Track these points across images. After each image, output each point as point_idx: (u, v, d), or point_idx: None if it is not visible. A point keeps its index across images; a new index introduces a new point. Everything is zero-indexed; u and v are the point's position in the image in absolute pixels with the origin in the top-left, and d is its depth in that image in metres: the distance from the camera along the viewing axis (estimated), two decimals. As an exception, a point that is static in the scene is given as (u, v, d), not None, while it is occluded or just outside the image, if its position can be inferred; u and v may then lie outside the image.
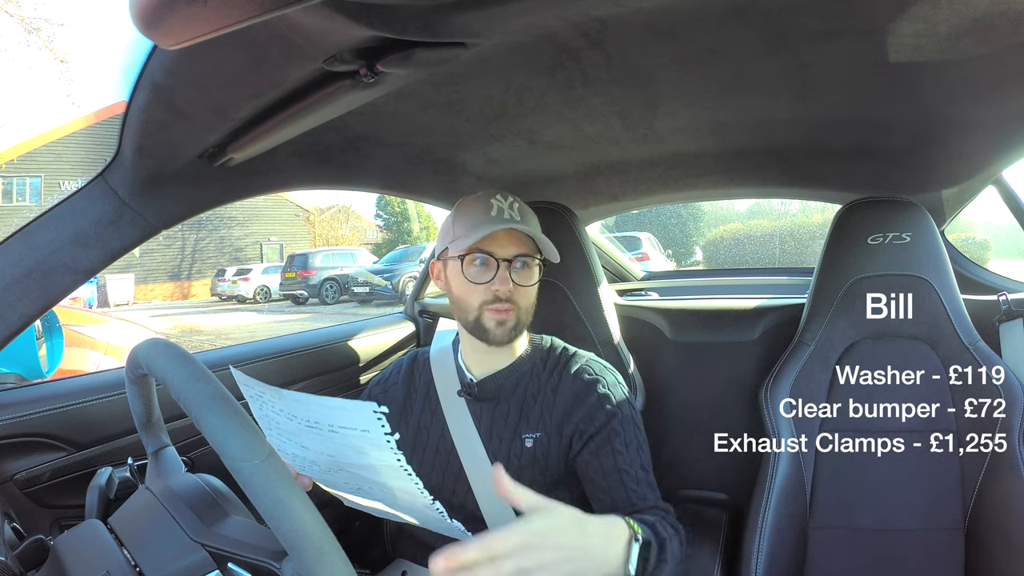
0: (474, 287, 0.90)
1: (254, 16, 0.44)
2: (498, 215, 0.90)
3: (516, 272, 0.91)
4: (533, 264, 0.92)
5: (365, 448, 0.58)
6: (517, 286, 0.90)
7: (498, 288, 0.89)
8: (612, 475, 0.87)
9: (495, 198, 0.91)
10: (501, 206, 0.90)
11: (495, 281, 0.89)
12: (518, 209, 0.91)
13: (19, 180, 15.04)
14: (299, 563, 0.47)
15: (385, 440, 0.56)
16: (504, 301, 0.90)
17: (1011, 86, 0.88)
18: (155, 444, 0.75)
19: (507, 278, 0.89)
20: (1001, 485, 1.05)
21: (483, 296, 0.90)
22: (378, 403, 0.55)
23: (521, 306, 0.91)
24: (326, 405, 0.57)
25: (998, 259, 9.62)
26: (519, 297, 0.91)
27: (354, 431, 0.57)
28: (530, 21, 0.66)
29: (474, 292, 0.90)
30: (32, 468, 0.93)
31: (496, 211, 0.90)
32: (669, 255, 13.76)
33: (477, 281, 0.90)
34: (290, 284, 14.27)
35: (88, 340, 2.87)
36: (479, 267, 0.90)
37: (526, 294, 0.92)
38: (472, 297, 0.91)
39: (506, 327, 0.90)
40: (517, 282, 0.90)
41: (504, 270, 0.89)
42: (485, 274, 0.90)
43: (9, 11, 9.94)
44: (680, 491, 1.45)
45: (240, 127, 0.77)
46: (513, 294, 0.90)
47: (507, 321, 0.90)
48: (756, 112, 1.05)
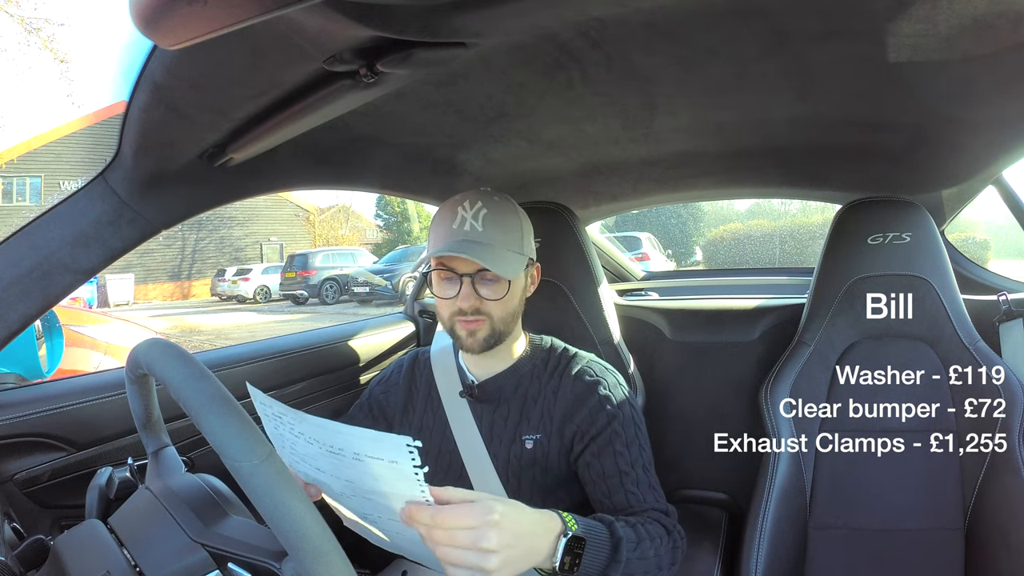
0: (443, 301, 0.90)
1: (254, 16, 0.44)
2: (459, 227, 0.87)
3: (482, 286, 0.88)
4: (501, 278, 0.88)
5: (390, 478, 0.58)
6: (485, 299, 0.88)
7: (461, 304, 0.88)
8: (613, 477, 0.87)
9: (463, 205, 0.88)
10: (464, 216, 0.88)
11: (459, 297, 0.88)
12: (484, 217, 0.87)
13: (19, 180, 15.04)
14: (299, 563, 0.47)
15: (413, 473, 0.55)
16: (472, 314, 0.88)
17: (1011, 86, 0.88)
18: (155, 444, 0.75)
19: (471, 294, 0.88)
20: (1001, 485, 1.05)
21: (451, 309, 0.89)
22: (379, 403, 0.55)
23: (494, 316, 0.89)
24: (355, 435, 0.57)
25: (998, 259, 9.61)
26: (490, 309, 0.89)
27: (381, 461, 0.56)
28: (530, 21, 0.66)
29: (444, 305, 0.90)
30: (32, 468, 0.93)
31: (458, 222, 0.87)
32: (669, 255, 13.76)
33: (443, 296, 0.90)
34: (290, 284, 14.27)
35: (88, 340, 2.87)
36: (445, 282, 0.90)
37: (498, 306, 0.89)
38: (443, 309, 0.91)
39: (477, 338, 0.89)
40: (484, 296, 0.88)
41: (468, 285, 0.88)
42: (450, 289, 0.89)
43: (9, 11, 9.96)
44: (680, 491, 1.45)
45: (240, 127, 0.77)
46: (481, 307, 0.88)
47: (478, 331, 0.89)
48: (756, 112, 1.05)
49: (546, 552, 0.66)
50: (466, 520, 0.60)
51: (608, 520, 0.75)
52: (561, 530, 0.67)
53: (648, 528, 0.79)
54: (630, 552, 0.73)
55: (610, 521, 0.75)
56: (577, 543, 0.68)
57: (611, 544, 0.72)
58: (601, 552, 0.71)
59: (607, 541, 0.72)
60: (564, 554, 0.66)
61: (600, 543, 0.71)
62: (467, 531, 0.59)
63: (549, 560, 0.66)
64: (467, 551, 0.59)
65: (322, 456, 0.61)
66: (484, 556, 0.60)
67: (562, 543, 0.66)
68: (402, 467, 0.56)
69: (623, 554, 0.72)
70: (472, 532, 0.59)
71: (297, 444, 0.63)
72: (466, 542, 0.59)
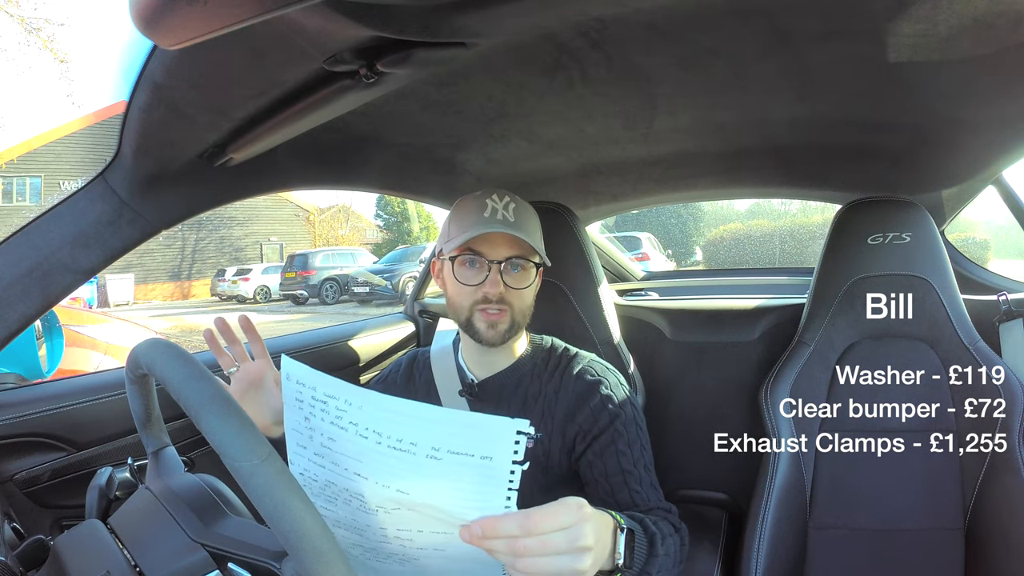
0: (465, 288, 0.89)
1: (254, 16, 0.44)
2: (491, 216, 0.88)
3: (509, 274, 0.89)
4: (528, 266, 0.91)
5: (467, 482, 0.49)
6: (510, 288, 0.89)
7: (488, 290, 0.88)
8: (615, 476, 0.87)
9: (491, 198, 0.90)
10: (495, 206, 0.89)
11: (486, 283, 0.88)
12: (513, 210, 0.90)
13: (19, 180, 15.04)
14: (299, 563, 0.47)
15: (508, 473, 0.48)
16: (496, 303, 0.88)
17: (1011, 86, 0.88)
18: (155, 444, 0.75)
19: (498, 280, 0.88)
20: (1001, 485, 1.05)
21: (474, 297, 0.89)
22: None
23: (515, 307, 0.90)
24: (448, 421, 0.48)
25: (998, 259, 9.61)
26: (513, 299, 0.89)
27: (469, 458, 0.48)
28: (530, 21, 0.66)
29: (465, 293, 0.90)
30: (32, 468, 0.93)
31: (490, 211, 0.89)
32: (669, 255, 13.76)
33: (468, 283, 0.89)
34: (290, 284, 14.27)
35: (88, 340, 2.87)
36: (470, 268, 0.89)
37: (520, 296, 0.90)
38: (463, 298, 0.90)
39: (498, 330, 0.89)
40: (510, 284, 0.89)
41: (496, 272, 0.88)
42: (476, 276, 0.89)
43: (9, 11, 9.95)
44: (680, 491, 1.45)
45: (240, 127, 0.77)
46: (506, 296, 0.89)
47: (499, 324, 0.89)
48: (756, 112, 1.05)
49: (611, 548, 0.62)
50: (562, 518, 0.53)
51: (638, 516, 0.74)
52: (616, 525, 0.64)
53: (664, 526, 0.79)
54: (660, 547, 0.73)
55: (640, 517, 0.74)
56: (631, 537, 0.66)
57: (647, 539, 0.71)
58: (643, 547, 0.70)
59: (643, 536, 0.71)
60: (624, 548, 0.63)
61: (641, 538, 0.70)
62: (563, 532, 0.53)
63: (612, 558, 0.63)
64: (561, 556, 0.53)
65: (376, 455, 0.51)
66: (579, 556, 0.54)
67: (622, 538, 0.63)
68: (494, 465, 0.48)
69: (658, 548, 0.72)
70: (568, 532, 0.53)
71: (338, 440, 0.53)
72: (563, 545, 0.53)
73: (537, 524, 0.52)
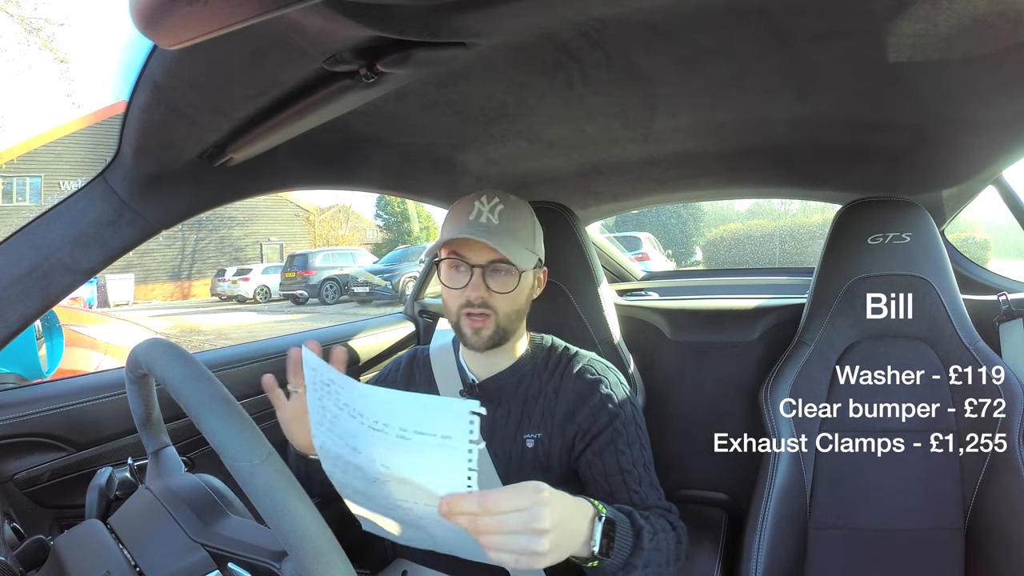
0: (452, 291, 0.89)
1: (254, 16, 0.44)
2: (475, 219, 0.87)
3: (492, 278, 0.88)
4: (511, 270, 0.88)
5: (434, 461, 0.54)
6: (493, 292, 0.88)
7: (470, 294, 0.87)
8: (615, 476, 0.87)
9: (480, 199, 0.89)
10: (482, 209, 0.88)
11: (468, 287, 0.87)
12: (500, 212, 0.88)
13: (19, 180, 15.04)
14: (299, 563, 0.47)
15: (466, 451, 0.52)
16: (479, 307, 0.87)
17: (1011, 86, 0.88)
18: (155, 444, 0.75)
19: (480, 284, 0.87)
20: (1001, 485, 1.05)
21: (459, 300, 0.88)
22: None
23: (500, 312, 0.88)
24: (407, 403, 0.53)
25: (998, 259, 9.61)
26: (497, 303, 0.88)
27: (431, 438, 0.53)
28: (530, 21, 0.66)
29: (452, 296, 0.89)
30: (32, 468, 0.93)
31: (475, 214, 0.88)
32: (669, 255, 13.76)
33: (453, 286, 0.89)
34: (290, 284, 14.27)
35: (88, 340, 2.87)
36: (456, 272, 0.89)
37: (506, 300, 0.88)
38: (451, 301, 0.90)
39: (482, 336, 0.88)
40: (493, 288, 0.87)
41: (479, 276, 0.87)
42: (461, 279, 0.88)
43: (9, 11, 9.95)
44: (680, 491, 1.46)
45: (240, 127, 0.77)
46: (489, 300, 0.87)
47: (483, 330, 0.88)
48: (756, 112, 1.05)
49: (585, 535, 0.66)
50: (517, 501, 0.58)
51: (627, 509, 0.76)
52: (595, 514, 0.68)
53: (657, 521, 0.79)
54: (649, 541, 0.74)
55: (629, 510, 0.75)
56: (610, 526, 0.68)
57: (634, 531, 0.72)
58: (627, 538, 0.71)
59: (630, 528, 0.72)
60: (601, 536, 0.67)
61: (625, 529, 0.71)
62: (519, 513, 0.57)
63: (587, 545, 0.66)
64: (519, 535, 0.58)
65: (363, 433, 0.57)
66: (536, 538, 0.58)
67: (599, 525, 0.67)
68: (453, 445, 0.52)
69: (644, 541, 0.73)
70: (524, 513, 0.58)
71: (339, 418, 0.59)
72: (518, 525, 0.57)
73: (493, 503, 0.56)
